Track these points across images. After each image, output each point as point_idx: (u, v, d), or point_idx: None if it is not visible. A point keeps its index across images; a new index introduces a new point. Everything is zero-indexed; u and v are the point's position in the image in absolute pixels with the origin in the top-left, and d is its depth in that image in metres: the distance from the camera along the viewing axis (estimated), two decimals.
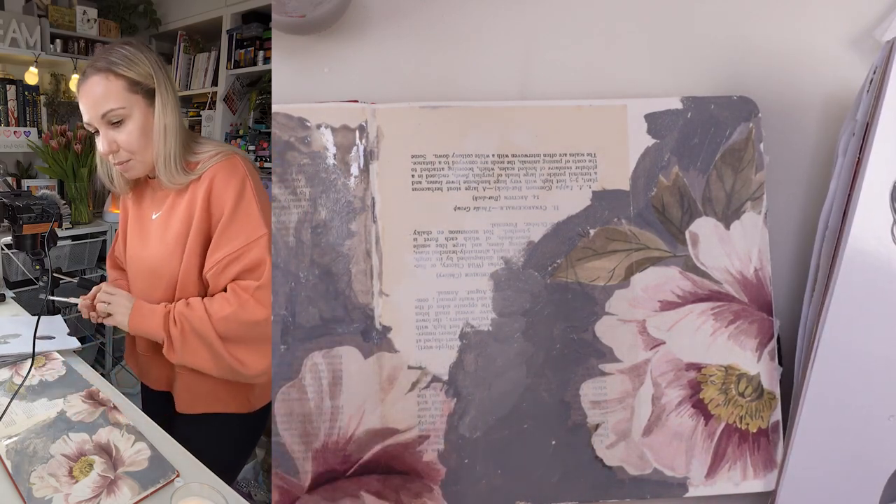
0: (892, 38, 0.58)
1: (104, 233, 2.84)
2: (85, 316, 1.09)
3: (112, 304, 1.03)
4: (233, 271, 0.96)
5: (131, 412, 0.98)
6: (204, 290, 1.04)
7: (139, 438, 0.88)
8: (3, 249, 1.65)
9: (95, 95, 0.99)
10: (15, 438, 0.85)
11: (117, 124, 1.00)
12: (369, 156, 0.61)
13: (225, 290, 0.99)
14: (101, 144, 1.02)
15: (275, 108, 0.61)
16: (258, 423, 1.17)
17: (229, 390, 1.08)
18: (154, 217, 1.08)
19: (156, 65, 1.02)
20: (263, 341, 0.93)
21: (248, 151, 2.83)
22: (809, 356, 0.60)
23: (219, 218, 0.98)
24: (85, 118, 1.02)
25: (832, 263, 0.59)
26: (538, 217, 0.62)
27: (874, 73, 0.59)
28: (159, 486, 0.79)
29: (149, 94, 1.02)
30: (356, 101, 0.62)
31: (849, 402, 0.59)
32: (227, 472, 0.86)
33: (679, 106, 0.63)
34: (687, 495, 0.62)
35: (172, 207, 1.05)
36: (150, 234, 1.09)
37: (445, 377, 0.60)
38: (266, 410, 1.15)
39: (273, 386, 0.60)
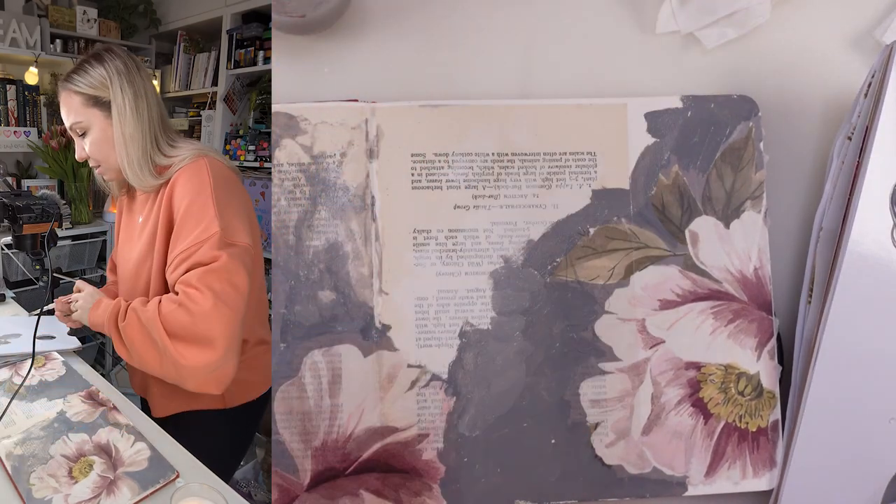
0: (891, 41, 0.58)
1: (104, 233, 2.84)
2: (60, 319, 1.12)
3: (78, 300, 1.06)
4: (183, 269, 0.93)
5: (131, 412, 0.98)
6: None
7: (139, 438, 0.88)
8: (3, 249, 1.65)
9: (64, 110, 1.08)
10: (14, 439, 0.85)
11: (83, 135, 1.08)
12: (369, 154, 0.61)
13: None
14: (76, 151, 1.12)
15: (275, 107, 0.61)
16: (241, 419, 1.17)
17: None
18: (139, 220, 1.12)
19: (115, 76, 1.05)
20: (203, 337, 0.88)
21: (248, 151, 2.82)
22: (809, 357, 0.60)
23: (176, 218, 0.99)
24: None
25: (832, 266, 0.59)
26: (538, 216, 0.62)
27: (872, 77, 0.59)
28: (159, 486, 0.78)
29: (106, 106, 1.06)
30: (356, 101, 0.62)
31: (850, 404, 0.59)
32: (215, 470, 0.86)
33: (679, 105, 0.63)
34: (686, 494, 0.62)
35: (150, 211, 1.08)
36: (134, 237, 1.13)
37: (445, 376, 0.60)
38: (247, 409, 1.16)
39: (273, 384, 0.60)
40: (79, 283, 1.09)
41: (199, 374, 0.89)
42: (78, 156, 1.11)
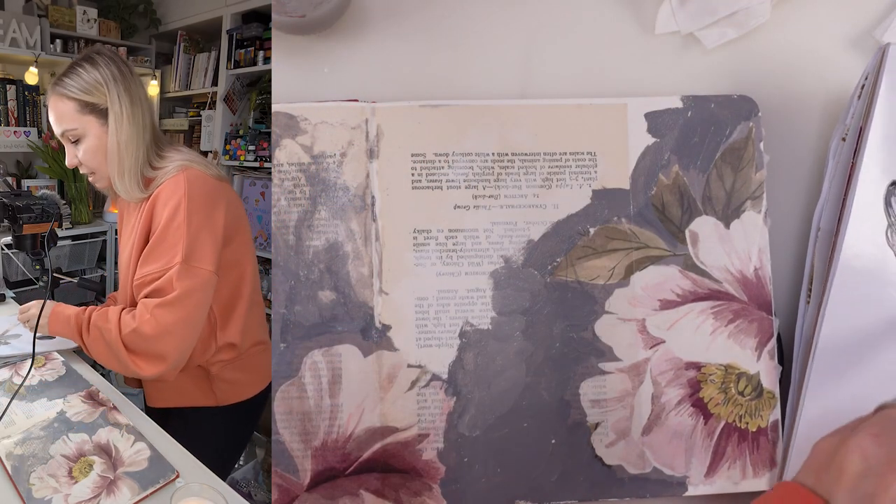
0: (889, 41, 0.58)
1: (104, 233, 2.84)
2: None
3: (33, 310, 1.09)
4: (145, 293, 1.00)
5: (131, 412, 0.98)
6: None
7: (139, 438, 0.88)
8: (3, 249, 1.65)
9: (55, 115, 1.05)
10: (14, 439, 0.85)
11: (76, 142, 1.06)
12: (369, 154, 0.61)
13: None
14: (66, 158, 1.10)
15: (275, 107, 0.61)
16: (236, 417, 1.18)
17: (192, 385, 1.12)
18: (132, 224, 1.11)
19: (112, 82, 1.03)
20: (156, 354, 0.99)
21: (248, 151, 2.82)
22: (807, 357, 0.60)
23: (151, 237, 1.02)
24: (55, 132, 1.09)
25: (828, 266, 0.59)
26: (538, 216, 0.62)
27: (865, 78, 0.59)
28: (159, 486, 0.78)
29: (102, 114, 1.03)
30: (356, 101, 0.62)
31: (847, 403, 0.59)
32: (211, 468, 0.87)
33: (679, 105, 0.63)
34: (686, 494, 0.62)
35: (136, 219, 1.08)
36: (125, 240, 1.15)
37: (445, 376, 0.60)
38: (243, 407, 1.17)
39: (273, 384, 0.60)
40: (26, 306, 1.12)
41: (152, 377, 1.01)
42: (69, 163, 1.09)
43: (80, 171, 1.11)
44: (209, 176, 1.06)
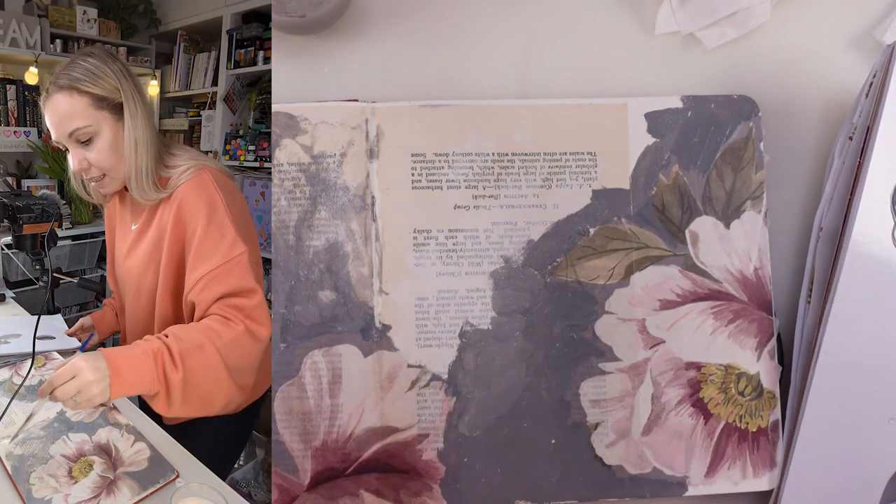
0: (891, 41, 0.58)
1: (104, 233, 2.84)
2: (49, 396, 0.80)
3: (77, 378, 0.76)
4: (217, 290, 0.91)
5: (131, 412, 0.98)
6: (178, 307, 1.01)
7: (139, 438, 0.88)
8: (3, 249, 1.65)
9: (60, 114, 0.96)
10: (15, 439, 0.85)
11: (86, 142, 0.98)
12: (369, 154, 0.61)
13: (209, 312, 0.94)
14: (71, 162, 1.00)
15: (275, 107, 0.61)
16: (242, 421, 1.17)
17: None
18: (133, 228, 1.07)
19: (122, 76, 0.98)
20: (262, 361, 0.92)
21: (248, 151, 2.82)
22: (809, 357, 0.60)
23: (191, 236, 0.95)
24: (53, 136, 0.99)
25: (833, 266, 0.59)
26: (538, 216, 0.62)
27: (874, 77, 0.59)
28: (159, 486, 0.78)
29: (116, 109, 0.98)
30: (356, 101, 0.62)
31: (850, 404, 0.59)
32: (214, 470, 0.86)
33: (679, 105, 0.63)
34: (686, 494, 0.62)
35: (147, 221, 1.03)
36: (131, 244, 1.08)
37: (445, 376, 0.60)
38: (250, 410, 1.15)
39: (273, 384, 0.60)
40: (59, 372, 0.76)
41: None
42: (77, 167, 0.99)
43: (86, 177, 1.02)
44: (224, 174, 1.05)
